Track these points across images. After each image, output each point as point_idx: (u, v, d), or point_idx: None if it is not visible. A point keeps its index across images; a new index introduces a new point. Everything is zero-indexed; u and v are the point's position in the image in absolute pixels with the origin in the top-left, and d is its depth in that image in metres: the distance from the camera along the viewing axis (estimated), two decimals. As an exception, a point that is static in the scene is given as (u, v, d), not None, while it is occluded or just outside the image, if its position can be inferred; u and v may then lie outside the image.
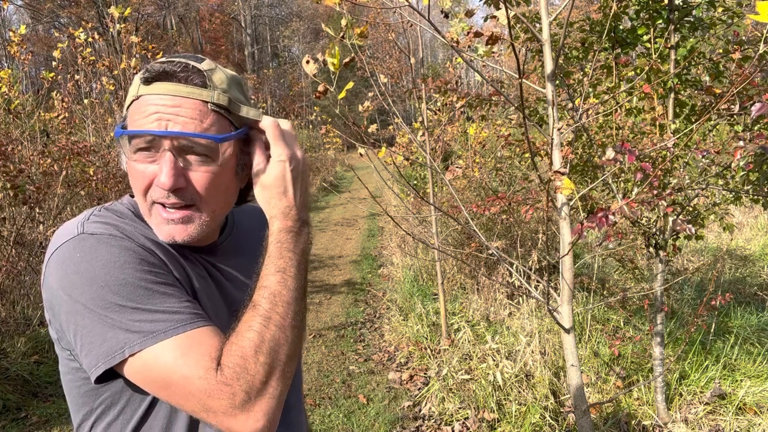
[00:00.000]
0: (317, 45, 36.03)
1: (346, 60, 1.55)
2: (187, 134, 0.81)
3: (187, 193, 0.84)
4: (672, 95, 2.91)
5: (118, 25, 6.80)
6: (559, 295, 1.90)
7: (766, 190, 2.51)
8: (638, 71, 2.91)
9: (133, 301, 0.75)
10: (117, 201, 0.92)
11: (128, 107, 0.85)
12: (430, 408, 3.39)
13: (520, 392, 3.26)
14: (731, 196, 2.85)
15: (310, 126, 23.90)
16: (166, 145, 0.81)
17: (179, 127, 0.80)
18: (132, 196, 0.92)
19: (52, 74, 6.47)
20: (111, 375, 0.78)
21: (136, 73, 0.90)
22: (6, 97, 5.65)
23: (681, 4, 2.86)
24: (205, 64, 0.85)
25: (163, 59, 0.85)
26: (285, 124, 0.93)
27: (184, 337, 0.75)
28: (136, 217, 0.88)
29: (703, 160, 2.46)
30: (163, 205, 0.84)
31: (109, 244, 0.78)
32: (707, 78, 2.93)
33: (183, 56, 0.85)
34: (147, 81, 0.82)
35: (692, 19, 2.89)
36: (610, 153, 1.79)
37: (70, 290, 0.76)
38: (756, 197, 2.67)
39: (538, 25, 2.16)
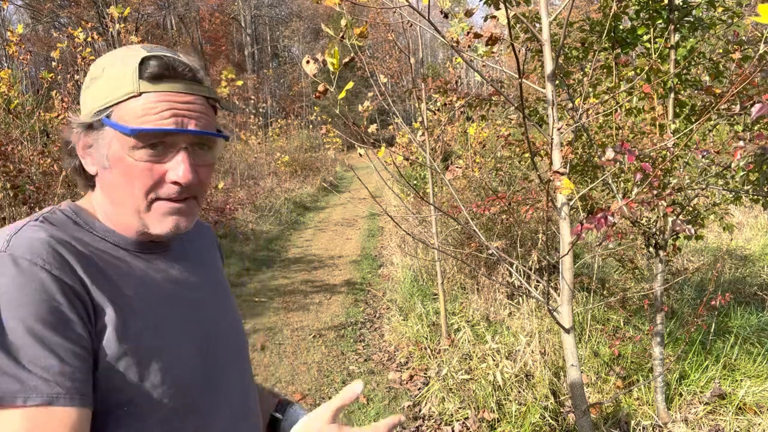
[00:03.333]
0: (317, 45, 36.04)
1: (346, 60, 1.55)
2: (209, 133, 0.83)
3: (193, 186, 0.84)
4: (672, 95, 2.91)
5: (117, 25, 6.79)
6: (559, 295, 1.90)
7: (766, 190, 2.51)
8: (638, 71, 2.90)
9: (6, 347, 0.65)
10: (57, 207, 0.84)
11: (118, 102, 0.80)
12: (430, 408, 3.39)
13: (520, 392, 3.25)
14: (731, 196, 2.85)
15: (310, 126, 23.90)
16: (184, 143, 0.81)
17: (195, 124, 0.82)
18: (73, 201, 0.88)
19: (51, 74, 6.47)
20: None
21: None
22: (6, 97, 5.65)
23: (681, 4, 2.86)
24: (195, 59, 0.85)
25: (157, 52, 0.82)
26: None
27: (34, 412, 0.64)
28: (76, 225, 0.82)
29: (703, 160, 2.46)
30: (169, 199, 0.83)
31: (21, 274, 0.69)
32: (707, 78, 2.93)
33: (169, 50, 0.84)
34: (153, 78, 0.80)
35: (692, 19, 2.89)
36: (610, 153, 1.79)
37: None
38: (756, 197, 2.67)
39: (538, 25, 2.15)
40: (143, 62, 0.80)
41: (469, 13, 2.69)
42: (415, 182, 8.45)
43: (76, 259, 0.75)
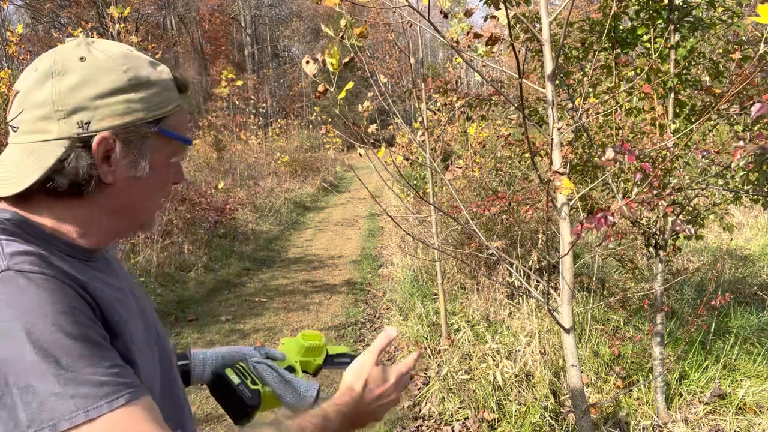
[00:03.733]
0: (317, 45, 36.03)
1: (346, 60, 1.55)
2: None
3: None
4: (672, 95, 2.91)
5: (117, 25, 6.79)
6: (559, 295, 1.90)
7: (766, 190, 2.51)
8: (638, 71, 2.90)
9: (61, 364, 0.62)
10: None
11: (168, 114, 0.80)
12: (430, 408, 3.39)
13: (520, 392, 3.26)
14: (731, 196, 2.85)
15: (310, 126, 23.89)
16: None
17: None
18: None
19: (51, 74, 6.46)
20: None
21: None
22: (6, 97, 5.65)
23: (681, 4, 2.86)
24: None
25: (166, 65, 0.83)
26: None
27: (121, 413, 0.63)
28: (28, 234, 0.73)
29: (703, 160, 2.46)
30: None
31: (39, 288, 0.65)
32: (707, 78, 2.93)
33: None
34: (182, 92, 0.82)
35: (692, 19, 2.89)
36: (610, 153, 1.79)
37: None
38: (756, 197, 2.67)
39: (538, 25, 2.15)
40: (177, 76, 0.82)
41: (468, 13, 2.69)
42: (415, 182, 8.45)
43: (69, 266, 0.73)
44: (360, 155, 2.56)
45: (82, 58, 0.74)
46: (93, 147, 0.73)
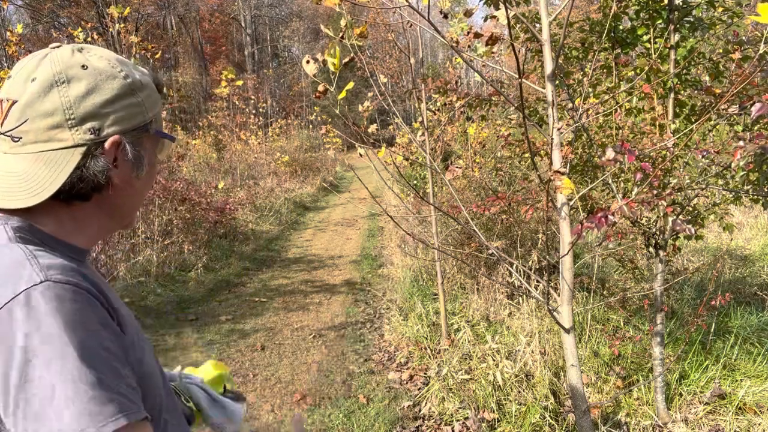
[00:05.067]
0: (317, 45, 36.03)
1: (346, 60, 1.55)
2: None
3: None
4: (672, 95, 2.91)
5: (117, 25, 6.80)
6: (559, 295, 1.90)
7: (766, 190, 2.51)
8: (638, 71, 2.90)
9: (89, 378, 0.63)
10: (7, 226, 0.74)
11: (158, 111, 0.84)
12: (430, 408, 3.39)
13: (520, 392, 3.26)
14: (731, 196, 2.85)
15: (310, 126, 23.90)
16: None
17: None
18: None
19: (51, 74, 6.45)
20: None
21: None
22: (6, 97, 5.64)
23: (681, 4, 2.86)
24: None
25: (142, 69, 0.86)
26: None
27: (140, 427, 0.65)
28: (40, 242, 0.75)
29: (703, 160, 2.46)
30: None
31: (75, 300, 0.66)
32: (707, 78, 2.93)
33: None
34: (160, 90, 0.86)
35: (692, 19, 2.89)
36: (610, 153, 1.79)
37: (33, 353, 0.62)
38: (756, 197, 2.67)
39: (537, 25, 2.15)
40: (156, 78, 0.86)
41: (468, 13, 2.69)
42: (415, 182, 8.45)
43: (96, 279, 0.74)
44: (360, 155, 2.56)
45: (83, 66, 0.75)
46: (106, 151, 0.76)
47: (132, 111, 0.78)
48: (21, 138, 0.74)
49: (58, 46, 0.78)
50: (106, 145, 0.76)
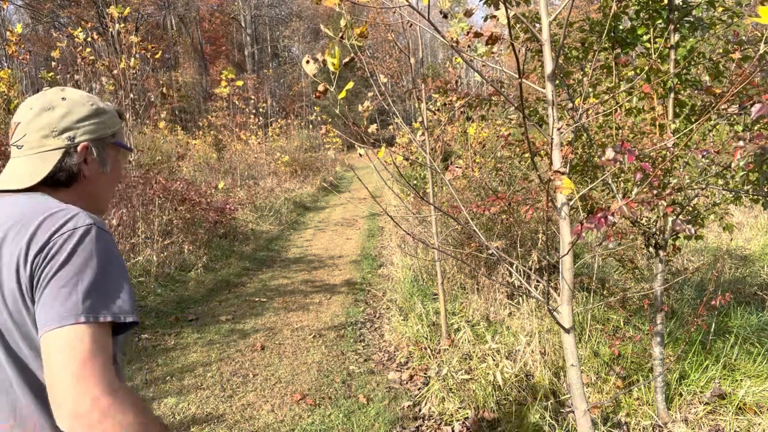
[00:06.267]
0: (317, 45, 36.03)
1: (346, 60, 1.55)
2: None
3: None
4: (672, 95, 2.91)
5: (117, 25, 6.80)
6: (559, 295, 1.90)
7: (766, 190, 2.51)
8: (638, 71, 2.90)
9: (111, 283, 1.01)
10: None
11: (118, 129, 1.24)
12: (430, 408, 3.39)
13: (520, 392, 3.26)
14: (731, 196, 2.85)
15: (310, 126, 23.89)
16: None
17: None
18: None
19: (51, 74, 6.47)
20: None
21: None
22: (6, 96, 5.65)
23: (681, 4, 2.86)
24: None
25: (107, 102, 1.27)
26: None
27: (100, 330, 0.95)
28: None
29: (703, 160, 2.46)
30: None
31: (109, 240, 1.04)
32: (707, 78, 2.93)
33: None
34: (121, 117, 1.27)
35: (692, 19, 2.89)
36: (610, 153, 1.79)
37: (86, 263, 0.97)
38: (756, 197, 2.67)
39: (537, 25, 2.15)
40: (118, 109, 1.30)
41: (468, 13, 2.69)
42: (415, 182, 8.45)
43: None
44: (360, 155, 2.56)
45: (63, 98, 1.15)
46: (78, 152, 1.14)
47: (97, 126, 1.17)
48: (23, 146, 1.13)
49: (48, 89, 1.20)
50: (78, 148, 1.13)
